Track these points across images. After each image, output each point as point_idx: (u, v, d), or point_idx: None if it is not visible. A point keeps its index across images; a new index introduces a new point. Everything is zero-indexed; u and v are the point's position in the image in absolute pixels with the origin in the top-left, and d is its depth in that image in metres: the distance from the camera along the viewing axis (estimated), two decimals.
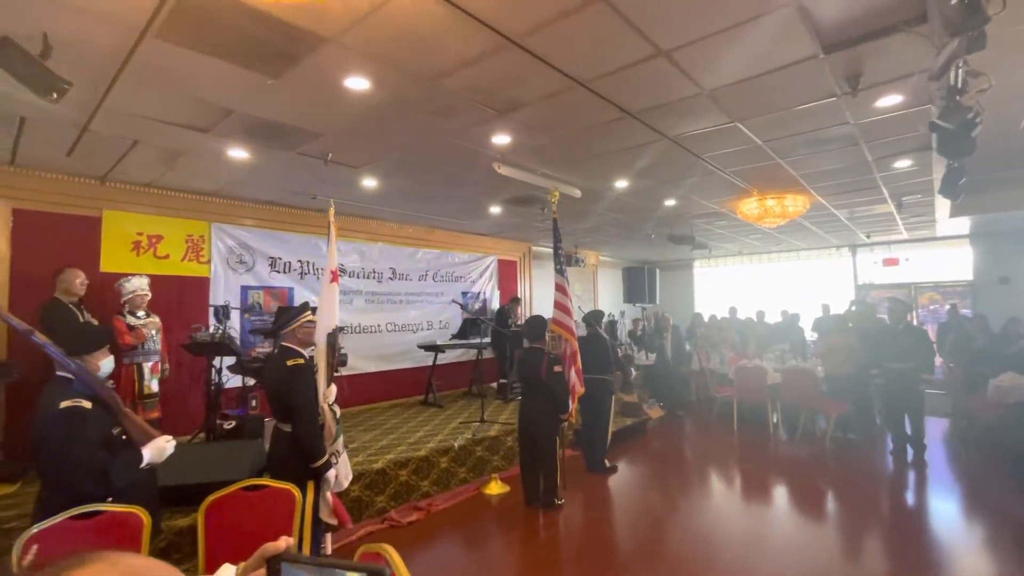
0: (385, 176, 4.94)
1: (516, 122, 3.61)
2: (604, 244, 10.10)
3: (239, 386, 4.85)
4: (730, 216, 7.01)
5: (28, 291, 4.25)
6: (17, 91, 2.79)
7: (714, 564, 3.32)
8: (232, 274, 5.60)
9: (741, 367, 7.09)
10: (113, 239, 4.80)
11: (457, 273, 8.21)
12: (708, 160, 4.54)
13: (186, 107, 3.29)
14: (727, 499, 4.67)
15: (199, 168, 4.53)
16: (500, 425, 5.53)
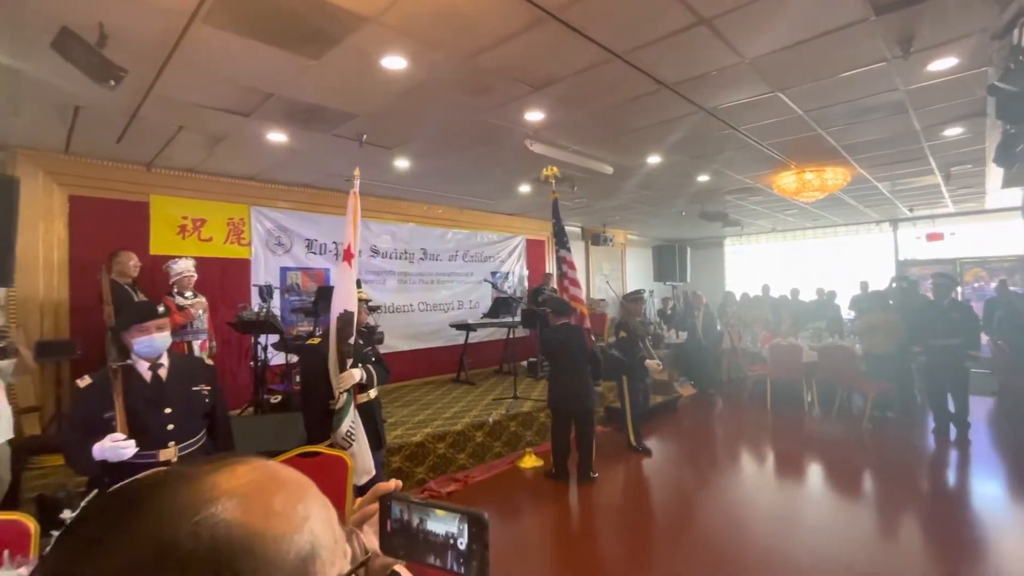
0: (418, 157, 4.99)
1: (550, 97, 3.59)
2: (633, 222, 9.98)
3: (283, 363, 5.05)
4: (765, 191, 6.83)
5: (85, 273, 4.49)
6: (70, 83, 2.93)
7: (746, 541, 3.35)
8: (271, 256, 5.78)
9: (775, 345, 6.98)
10: (160, 223, 5.01)
11: (486, 253, 8.26)
12: (745, 132, 4.43)
13: (229, 91, 3.39)
14: (760, 477, 4.66)
15: (239, 152, 4.66)
16: (533, 401, 5.62)
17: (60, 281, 4.48)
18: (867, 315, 6.63)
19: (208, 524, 0.36)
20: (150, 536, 0.35)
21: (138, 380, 2.15)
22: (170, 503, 0.37)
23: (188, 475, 0.40)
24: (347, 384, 2.82)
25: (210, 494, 0.38)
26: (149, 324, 2.14)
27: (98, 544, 0.35)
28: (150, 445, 2.10)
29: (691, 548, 3.28)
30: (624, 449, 5.14)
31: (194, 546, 0.35)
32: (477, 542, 0.59)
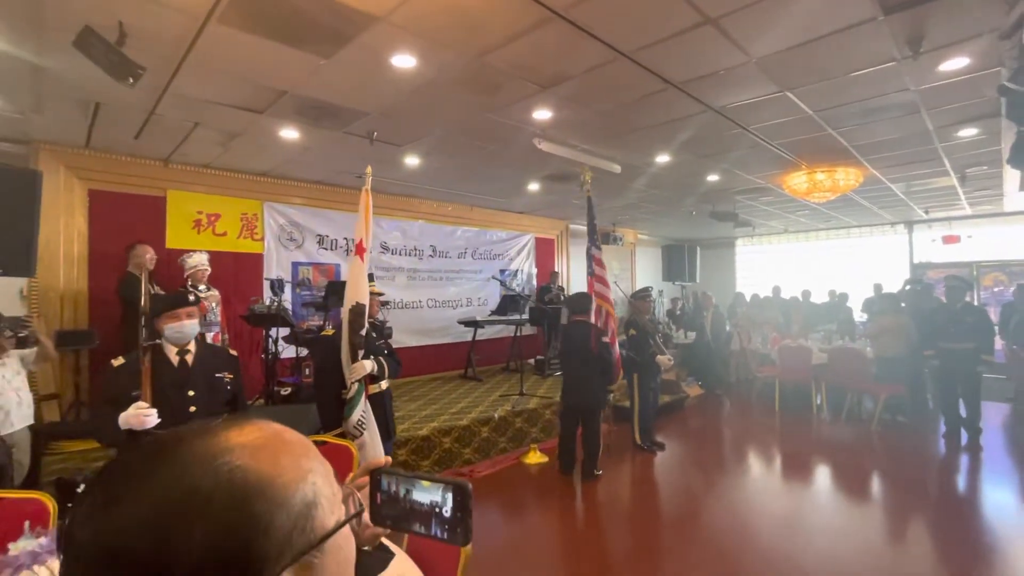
0: (427, 154, 5.05)
1: (558, 96, 3.62)
2: (643, 221, 9.96)
3: (293, 356, 5.14)
4: (776, 191, 6.78)
5: (104, 266, 4.61)
6: (90, 80, 3.03)
7: (750, 542, 3.34)
8: (284, 251, 5.88)
9: (785, 346, 6.94)
10: (176, 217, 5.12)
11: (495, 251, 8.31)
12: (754, 132, 4.42)
13: (243, 89, 3.47)
14: (766, 478, 4.65)
15: (253, 149, 4.75)
16: (539, 398, 5.66)
17: (80, 273, 4.61)
18: (879, 318, 6.56)
19: (225, 470, 0.40)
20: (174, 481, 0.39)
21: (166, 363, 2.28)
22: (189, 453, 0.41)
23: (202, 431, 0.44)
24: (359, 375, 2.90)
25: (224, 445, 0.43)
26: (180, 311, 2.28)
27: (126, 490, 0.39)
28: (172, 426, 2.19)
29: (694, 547, 3.29)
30: (631, 447, 5.15)
31: (214, 488, 0.39)
32: (461, 510, 0.63)
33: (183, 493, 0.39)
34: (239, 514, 0.39)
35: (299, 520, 0.42)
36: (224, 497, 0.39)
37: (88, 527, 0.38)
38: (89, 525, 0.38)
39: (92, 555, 0.37)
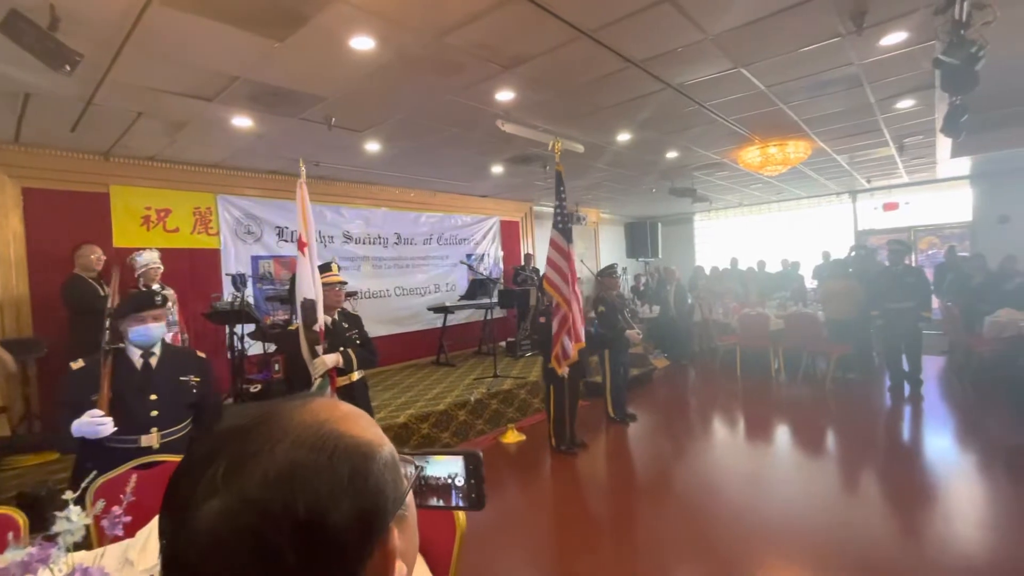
0: (388, 139, 4.94)
1: (521, 77, 3.60)
2: (605, 200, 10.10)
3: (260, 353, 5.00)
4: (731, 166, 7.01)
5: (47, 268, 4.34)
6: (17, 69, 2.81)
7: (721, 500, 3.53)
8: (242, 244, 5.67)
9: (745, 315, 7.26)
10: (122, 214, 4.85)
11: (461, 235, 8.26)
12: (710, 108, 4.54)
13: (191, 76, 3.29)
14: (731, 440, 4.90)
15: (203, 139, 4.53)
16: (513, 379, 5.73)
17: (19, 278, 4.32)
18: (828, 283, 6.95)
19: (332, 436, 0.43)
20: (298, 446, 0.41)
21: (128, 366, 2.20)
22: (293, 423, 0.43)
23: (286, 407, 0.46)
24: (320, 370, 2.90)
25: (316, 418, 0.45)
26: (146, 314, 2.20)
27: (253, 459, 0.40)
28: (133, 430, 2.16)
29: (669, 509, 3.46)
30: (605, 421, 5.31)
31: (334, 450, 0.42)
32: (475, 477, 0.65)
33: (312, 456, 0.41)
34: (360, 473, 0.42)
35: (393, 477, 0.46)
36: (345, 458, 0.42)
37: (225, 497, 0.39)
38: (225, 495, 0.39)
39: (239, 522, 0.38)
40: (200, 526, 0.38)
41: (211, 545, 0.38)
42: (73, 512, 1.15)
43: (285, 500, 0.39)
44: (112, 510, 1.22)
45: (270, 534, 0.38)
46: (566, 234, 4.42)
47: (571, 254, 4.40)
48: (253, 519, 0.38)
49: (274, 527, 0.38)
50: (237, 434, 0.43)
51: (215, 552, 0.38)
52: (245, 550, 0.38)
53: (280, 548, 0.38)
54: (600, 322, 5.15)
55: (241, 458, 0.40)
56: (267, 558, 0.38)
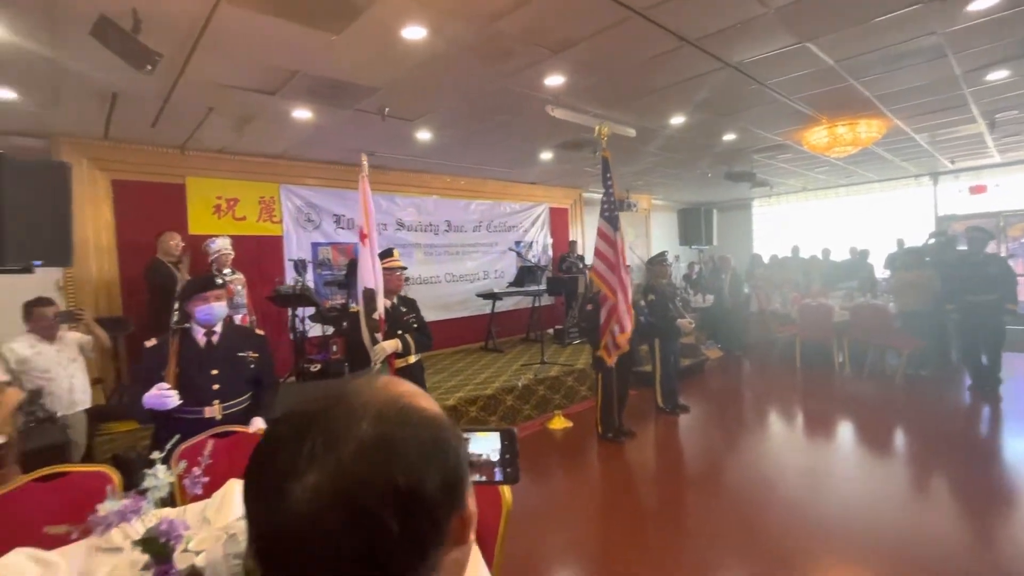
0: (439, 128, 5.02)
1: (570, 61, 3.56)
2: (657, 186, 9.83)
3: (319, 335, 5.28)
4: (794, 148, 6.63)
5: (133, 254, 4.75)
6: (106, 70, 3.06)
7: (774, 496, 3.42)
8: (302, 232, 5.96)
9: (805, 305, 6.90)
10: (197, 203, 5.22)
11: (510, 223, 8.30)
12: (772, 87, 4.31)
13: (256, 71, 3.48)
14: (788, 435, 4.72)
15: (267, 131, 4.78)
16: (560, 366, 5.75)
17: (110, 262, 4.75)
18: (902, 273, 6.47)
19: (410, 409, 0.46)
20: (386, 419, 0.43)
21: (193, 344, 2.39)
22: (368, 401, 0.45)
23: (361, 385, 0.48)
24: (381, 356, 3.05)
25: (390, 393, 0.47)
26: (208, 294, 2.37)
27: (346, 431, 0.42)
28: (197, 402, 2.35)
29: (719, 502, 3.38)
30: (654, 411, 5.24)
31: (419, 423, 0.45)
32: (510, 452, 0.69)
33: (399, 429, 0.43)
34: (441, 444, 0.45)
35: (464, 450, 0.48)
36: (428, 430, 0.45)
37: (323, 470, 0.40)
38: (323, 469, 0.40)
39: (340, 493, 0.39)
40: (299, 500, 0.39)
41: (312, 517, 0.39)
42: (160, 471, 1.28)
43: (383, 470, 0.41)
44: (192, 470, 1.35)
45: (372, 504, 0.40)
46: (613, 222, 4.36)
47: (618, 243, 4.33)
48: (354, 490, 0.40)
49: (376, 497, 0.40)
50: (322, 411, 0.44)
51: (316, 524, 0.39)
52: (348, 520, 0.39)
53: (382, 517, 0.40)
54: (650, 311, 5.06)
55: (333, 433, 0.42)
56: (370, 527, 0.39)
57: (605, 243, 4.31)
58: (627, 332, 4.24)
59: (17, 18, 2.65)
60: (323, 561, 0.39)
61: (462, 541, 0.46)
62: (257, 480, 0.43)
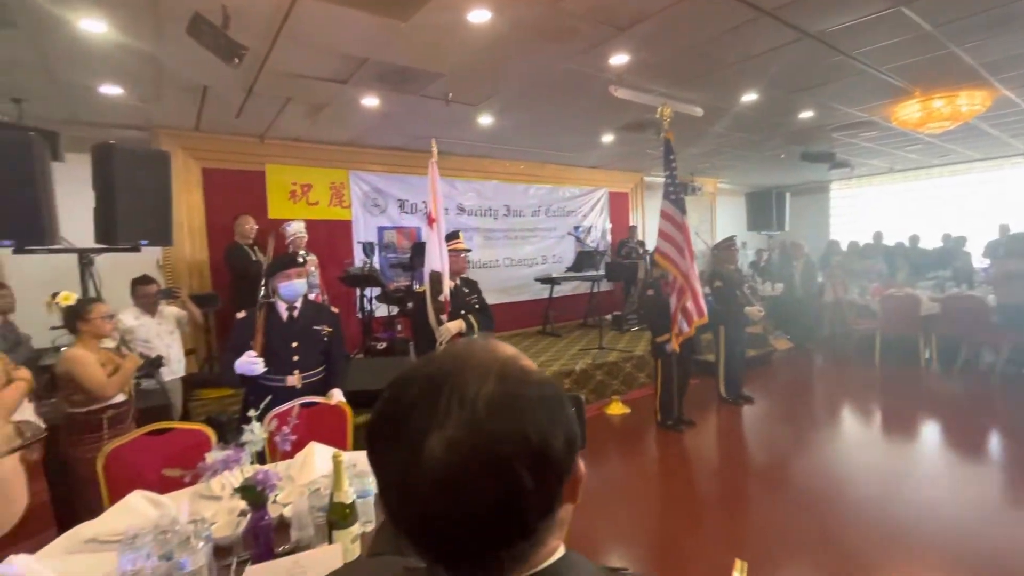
0: (500, 112, 5.05)
1: (636, 38, 3.46)
2: (725, 169, 9.38)
3: (385, 315, 5.52)
4: (881, 125, 6.11)
5: (219, 236, 5.15)
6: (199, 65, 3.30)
7: (846, 496, 3.24)
8: (369, 216, 6.23)
9: (888, 296, 6.41)
10: (275, 189, 5.57)
11: (568, 207, 8.24)
12: (858, 58, 3.98)
13: (329, 61, 3.64)
14: (864, 431, 4.44)
15: (338, 119, 5.00)
16: (618, 352, 5.70)
17: (200, 244, 5.19)
18: (1005, 261, 5.84)
19: (527, 370, 0.48)
20: (493, 381, 0.45)
21: (277, 317, 2.61)
22: (485, 362, 0.47)
23: (474, 348, 0.50)
24: (446, 337, 3.17)
25: (504, 355, 0.49)
26: (291, 271, 2.59)
27: (477, 390, 0.43)
28: (280, 371, 2.56)
29: (784, 496, 3.26)
30: (716, 401, 5.09)
31: (540, 381, 0.47)
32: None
33: (523, 388, 0.45)
34: (560, 403, 0.47)
35: (575, 410, 0.50)
36: (548, 390, 0.47)
37: (457, 428, 0.41)
38: (457, 427, 0.41)
39: (477, 451, 0.41)
40: (438, 453, 0.41)
41: (451, 469, 0.40)
42: (256, 427, 1.42)
43: (515, 426, 0.42)
44: (283, 429, 1.49)
45: (508, 457, 0.41)
46: (679, 205, 4.25)
47: (686, 226, 4.21)
48: (491, 444, 0.41)
49: (511, 450, 0.41)
50: (451, 372, 0.45)
51: (456, 475, 0.40)
52: (486, 472, 0.40)
53: (517, 473, 0.41)
54: (716, 298, 4.89)
55: (464, 391, 0.43)
56: (507, 479, 0.41)
57: (672, 225, 4.21)
58: (704, 317, 4.15)
59: (124, 18, 2.92)
60: (462, 508, 0.41)
61: (573, 499, 0.48)
62: (391, 436, 0.44)
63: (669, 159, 4.30)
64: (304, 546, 1.41)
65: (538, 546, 0.45)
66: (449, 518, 0.41)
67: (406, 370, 0.48)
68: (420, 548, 0.45)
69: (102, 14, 2.83)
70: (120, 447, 2.06)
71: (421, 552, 0.46)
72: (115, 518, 1.60)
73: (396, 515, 0.44)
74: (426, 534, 0.43)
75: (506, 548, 0.43)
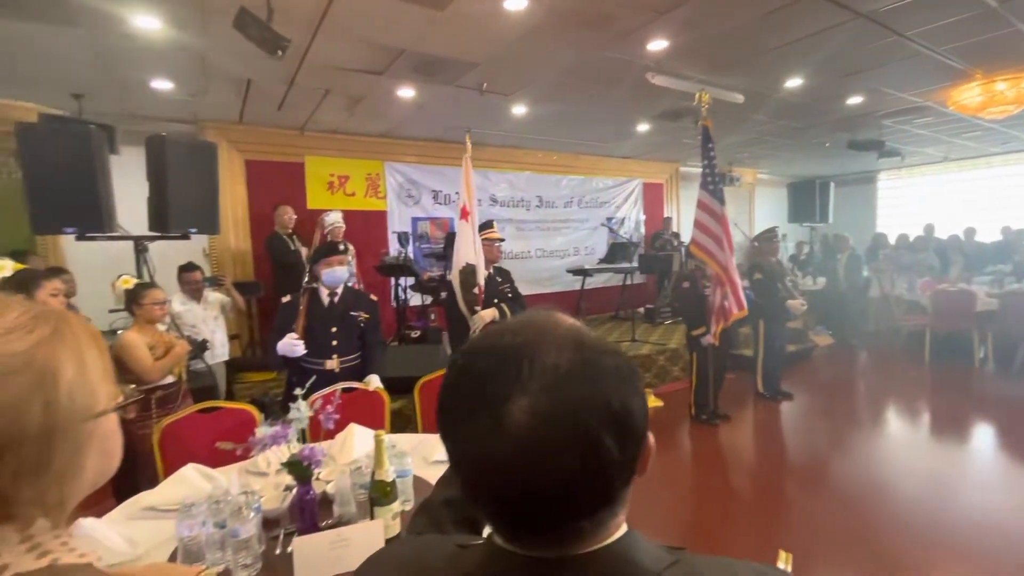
0: (535, 102, 5.02)
1: (676, 22, 3.37)
2: (765, 158, 9.08)
3: (419, 304, 5.61)
4: (936, 110, 5.78)
5: (261, 226, 5.33)
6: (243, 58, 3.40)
7: (888, 499, 3.11)
8: (403, 207, 6.32)
9: (940, 291, 6.10)
10: (314, 180, 5.71)
11: (601, 198, 8.15)
12: (913, 38, 3.77)
13: (366, 52, 3.69)
14: (910, 432, 4.26)
15: (374, 111, 5.08)
16: (651, 345, 5.62)
17: (244, 233, 5.38)
18: None
19: (598, 338, 0.48)
20: (569, 349, 0.44)
21: (319, 302, 2.71)
22: (558, 331, 0.46)
23: (540, 318, 0.49)
24: (479, 325, 3.21)
25: (572, 324, 0.49)
26: (332, 259, 2.68)
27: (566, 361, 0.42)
28: (320, 354, 2.66)
29: (823, 495, 3.17)
30: (753, 396, 4.97)
31: (612, 352, 0.46)
32: None
33: (600, 356, 0.45)
34: (633, 371, 0.47)
35: None
36: (621, 358, 0.46)
37: (539, 395, 0.41)
38: (539, 394, 0.41)
39: (561, 416, 0.40)
40: (520, 422, 0.40)
41: (535, 437, 0.40)
42: (302, 405, 1.47)
43: (599, 394, 0.42)
44: (326, 408, 1.54)
45: (592, 423, 0.40)
46: (717, 195, 4.13)
47: (724, 216, 4.10)
48: (575, 410, 0.41)
49: (595, 417, 0.41)
50: (527, 342, 0.44)
51: (540, 443, 0.40)
52: (571, 439, 0.40)
53: (602, 439, 0.41)
54: (755, 291, 4.76)
55: (542, 360, 0.42)
56: (591, 446, 0.40)
57: (709, 216, 4.09)
58: (744, 311, 4.04)
59: (174, 14, 3.04)
60: (550, 475, 0.40)
61: (643, 471, 0.48)
62: (470, 406, 0.43)
63: (707, 147, 4.19)
64: (346, 521, 1.46)
65: (613, 517, 0.45)
66: (536, 485, 0.40)
67: (475, 343, 0.48)
68: (501, 519, 0.45)
69: (155, 11, 2.95)
70: (174, 423, 2.17)
71: (501, 523, 0.45)
72: (171, 488, 1.69)
73: (476, 486, 0.44)
74: (510, 503, 0.42)
75: (589, 517, 0.43)
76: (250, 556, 1.30)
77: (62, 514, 0.48)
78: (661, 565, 0.46)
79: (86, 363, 0.50)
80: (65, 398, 0.47)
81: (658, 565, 0.46)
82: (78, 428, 0.48)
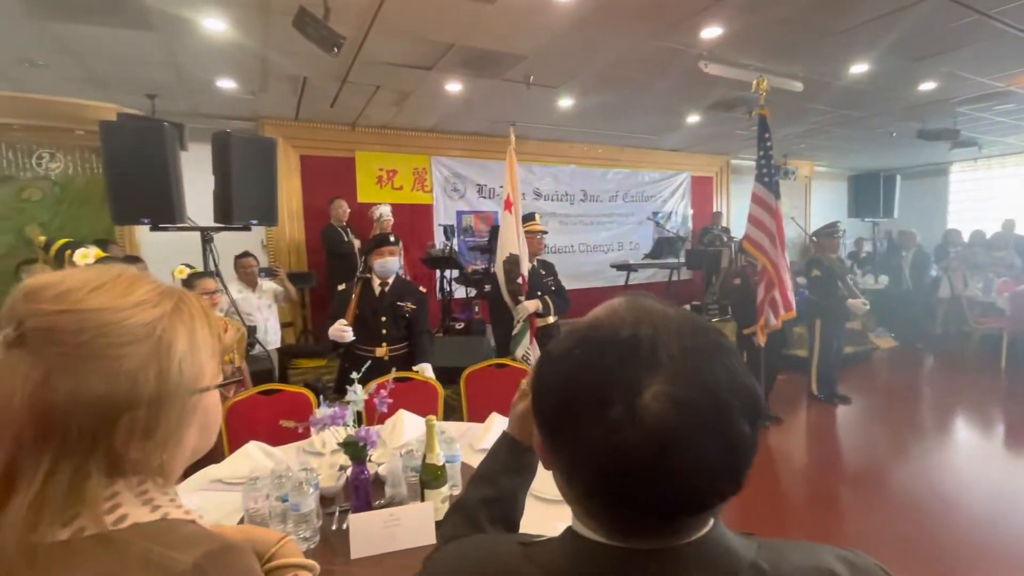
0: (581, 94, 4.97)
1: (731, 7, 3.25)
2: (823, 150, 8.64)
3: (463, 296, 5.69)
4: (1021, 95, 5.32)
5: (314, 218, 5.55)
6: (300, 56, 3.53)
7: (947, 507, 2.92)
8: (449, 201, 6.41)
9: (1020, 292, 5.64)
10: (364, 175, 5.89)
11: (647, 192, 7.99)
12: (997, 16, 3.48)
13: (416, 48, 3.76)
14: (980, 443, 3.97)
15: (421, 106, 5.17)
16: None
17: (299, 226, 5.62)
18: None
19: (704, 320, 0.48)
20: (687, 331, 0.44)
21: (370, 291, 2.80)
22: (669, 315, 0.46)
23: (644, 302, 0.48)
24: (523, 315, 3.23)
25: (677, 307, 0.49)
26: (384, 249, 2.77)
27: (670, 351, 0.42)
28: (370, 342, 2.75)
29: (880, 503, 3.00)
30: (806, 398, 4.77)
31: (721, 334, 0.46)
32: None
33: (717, 339, 0.45)
34: (741, 355, 0.48)
35: None
36: (727, 340, 0.46)
37: (673, 379, 0.40)
38: (673, 377, 0.40)
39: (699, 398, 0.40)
40: (655, 412, 0.39)
41: (673, 428, 0.39)
42: (358, 388, 1.53)
43: (728, 376, 0.41)
44: (380, 392, 1.60)
45: (732, 406, 0.40)
46: (772, 188, 3.94)
47: (778, 211, 3.92)
48: (712, 396, 0.40)
49: (732, 400, 0.41)
50: (633, 330, 0.43)
51: (678, 434, 0.39)
52: (711, 426, 0.40)
53: (738, 420, 0.40)
54: (813, 288, 4.55)
55: (666, 345, 0.42)
56: (730, 430, 0.40)
57: (763, 210, 3.92)
58: (792, 311, 3.86)
59: (238, 16, 3.19)
60: (693, 461, 0.39)
61: None
62: (594, 401, 0.41)
63: (764, 137, 4.00)
64: (398, 502, 1.51)
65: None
66: (680, 476, 0.39)
67: (587, 335, 0.45)
68: (627, 514, 0.42)
69: (222, 13, 3.11)
70: (237, 402, 2.30)
71: (623, 519, 0.43)
72: (237, 463, 1.80)
73: (606, 483, 0.41)
74: (647, 498, 0.40)
75: (720, 501, 0.42)
76: (309, 529, 1.37)
77: (165, 480, 0.52)
78: (751, 551, 0.46)
79: (197, 340, 0.54)
80: (176, 369, 0.51)
81: (748, 551, 0.46)
82: (184, 400, 0.52)
